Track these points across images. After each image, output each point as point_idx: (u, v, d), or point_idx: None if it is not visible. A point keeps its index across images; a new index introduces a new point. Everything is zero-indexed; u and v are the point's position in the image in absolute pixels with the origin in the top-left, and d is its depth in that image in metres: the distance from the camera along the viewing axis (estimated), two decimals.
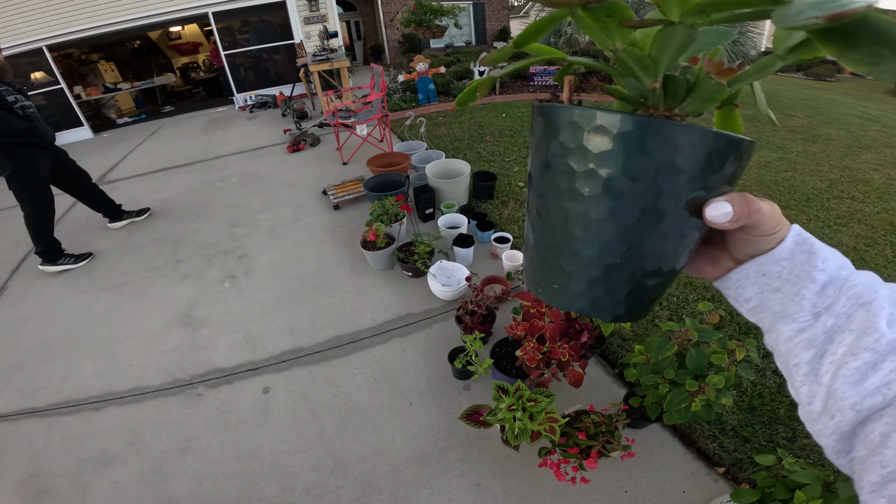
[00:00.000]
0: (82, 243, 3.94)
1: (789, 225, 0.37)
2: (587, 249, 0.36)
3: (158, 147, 7.05)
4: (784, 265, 0.36)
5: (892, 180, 4.31)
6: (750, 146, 0.35)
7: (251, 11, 9.10)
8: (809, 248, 0.35)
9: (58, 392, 2.35)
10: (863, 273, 0.35)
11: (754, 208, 0.34)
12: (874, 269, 2.92)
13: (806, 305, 0.35)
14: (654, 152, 0.31)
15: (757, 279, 0.37)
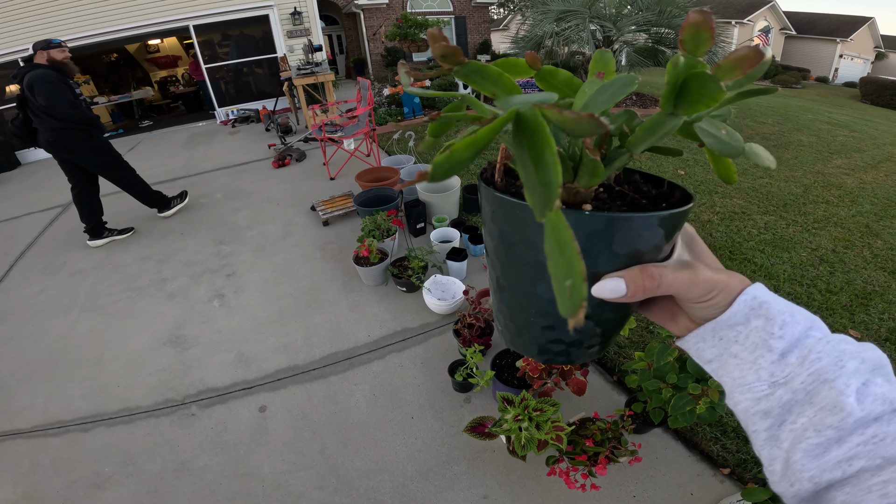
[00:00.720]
0: (62, 261, 3.84)
1: (740, 287, 0.34)
2: (517, 308, 0.38)
3: (137, 163, 6.75)
4: (739, 330, 0.34)
5: (865, 184, 4.50)
6: (641, 221, 0.32)
7: (233, 25, 9.07)
8: (766, 312, 0.33)
9: (43, 413, 2.27)
10: (831, 340, 0.32)
11: (650, 285, 0.32)
12: (853, 270, 3.04)
13: (763, 375, 0.33)
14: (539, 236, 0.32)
15: (714, 342, 0.36)
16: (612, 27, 7.51)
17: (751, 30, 22.15)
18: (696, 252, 0.37)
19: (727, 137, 0.31)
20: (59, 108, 3.49)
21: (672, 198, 0.37)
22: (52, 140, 3.64)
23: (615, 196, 0.37)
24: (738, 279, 0.35)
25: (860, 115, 10.71)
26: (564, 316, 0.24)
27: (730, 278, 0.35)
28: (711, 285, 0.34)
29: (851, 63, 24.20)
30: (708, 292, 0.34)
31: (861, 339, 2.38)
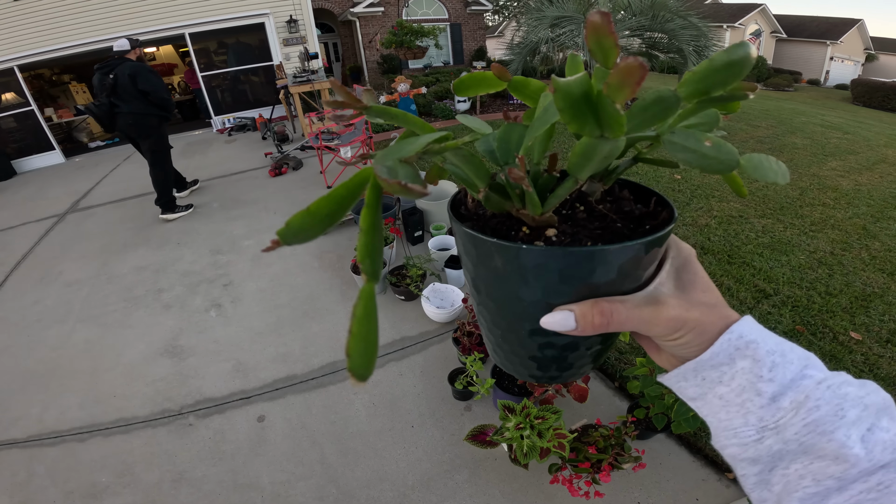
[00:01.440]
0: (58, 271, 3.82)
1: (720, 326, 0.31)
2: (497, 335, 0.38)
3: (133, 172, 6.90)
4: (724, 371, 0.31)
5: (860, 186, 4.53)
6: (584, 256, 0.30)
7: (229, 32, 9.09)
8: (753, 353, 0.30)
9: (38, 423, 2.25)
10: (832, 384, 0.29)
11: (599, 322, 0.30)
12: (852, 272, 3.05)
13: (752, 419, 0.30)
14: (499, 266, 0.32)
15: (697, 382, 0.33)
16: None
17: (742, 33, 22.37)
18: (685, 281, 0.33)
19: (713, 150, 0.27)
20: (160, 93, 4.25)
21: (658, 217, 0.35)
22: (131, 123, 4.27)
23: (595, 216, 0.35)
24: (719, 316, 0.31)
25: (853, 117, 10.80)
26: (355, 377, 0.22)
27: (706, 316, 0.31)
28: (677, 324, 0.31)
29: (842, 65, 24.43)
30: (674, 331, 0.31)
31: (862, 340, 2.39)
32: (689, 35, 7.56)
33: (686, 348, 0.32)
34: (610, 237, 0.33)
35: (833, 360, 2.31)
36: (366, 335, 0.23)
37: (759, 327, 0.32)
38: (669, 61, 8.45)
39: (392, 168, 0.22)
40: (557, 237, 0.32)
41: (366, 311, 0.23)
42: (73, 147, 9.26)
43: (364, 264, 0.24)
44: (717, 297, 0.33)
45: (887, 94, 15.37)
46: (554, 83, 0.25)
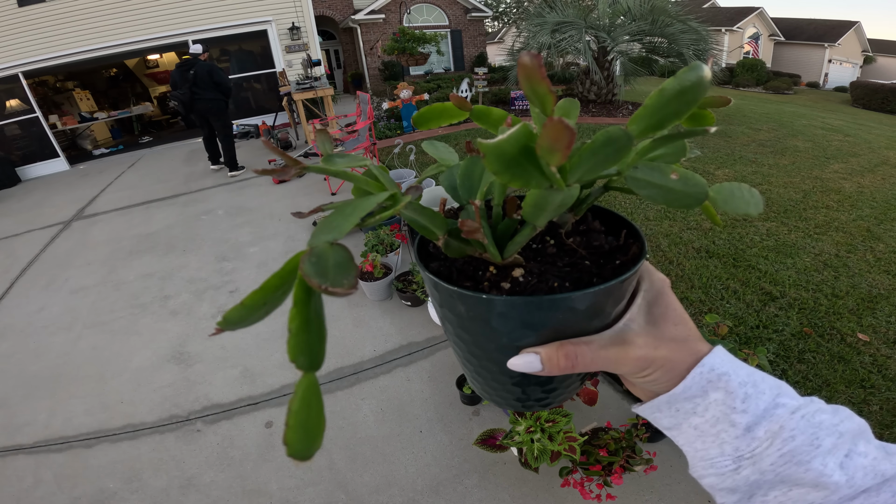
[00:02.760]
0: (64, 278, 3.84)
1: (689, 362, 0.31)
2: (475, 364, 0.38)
3: (138, 179, 6.95)
4: (697, 402, 0.31)
5: (863, 188, 4.53)
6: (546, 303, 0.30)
7: (231, 40, 9.16)
8: (725, 385, 0.30)
9: (45, 429, 2.25)
10: (806, 412, 0.29)
11: (564, 364, 0.31)
12: (857, 274, 3.05)
13: (727, 449, 0.31)
14: (462, 311, 0.32)
15: (671, 413, 0.33)
16: (607, 37, 7.60)
17: (740, 37, 22.46)
18: (656, 315, 0.33)
19: (679, 184, 0.26)
20: (228, 84, 5.89)
21: (628, 252, 0.34)
22: (210, 107, 5.85)
23: (565, 251, 0.35)
24: (688, 352, 0.32)
25: (853, 119, 10.82)
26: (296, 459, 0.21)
27: (675, 352, 0.31)
28: (644, 363, 0.31)
29: (840, 68, 24.47)
30: (642, 369, 0.32)
31: (870, 341, 2.39)
32: (689, 39, 7.60)
33: (656, 384, 0.32)
34: (578, 275, 0.32)
35: (842, 362, 2.31)
36: (304, 424, 0.21)
37: (731, 358, 0.32)
38: (670, 65, 8.49)
39: (321, 259, 0.21)
40: (524, 277, 0.32)
41: (303, 402, 0.21)
42: (77, 154, 9.33)
43: (298, 361, 0.21)
44: (688, 329, 0.33)
45: (886, 95, 15.36)
46: (480, 146, 0.23)
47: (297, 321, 0.21)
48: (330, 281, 0.19)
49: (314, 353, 0.22)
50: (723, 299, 2.79)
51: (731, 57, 21.44)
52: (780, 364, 2.27)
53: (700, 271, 3.12)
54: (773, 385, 0.31)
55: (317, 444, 0.22)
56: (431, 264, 0.35)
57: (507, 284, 0.32)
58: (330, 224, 0.23)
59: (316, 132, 0.33)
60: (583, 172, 0.25)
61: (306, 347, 0.22)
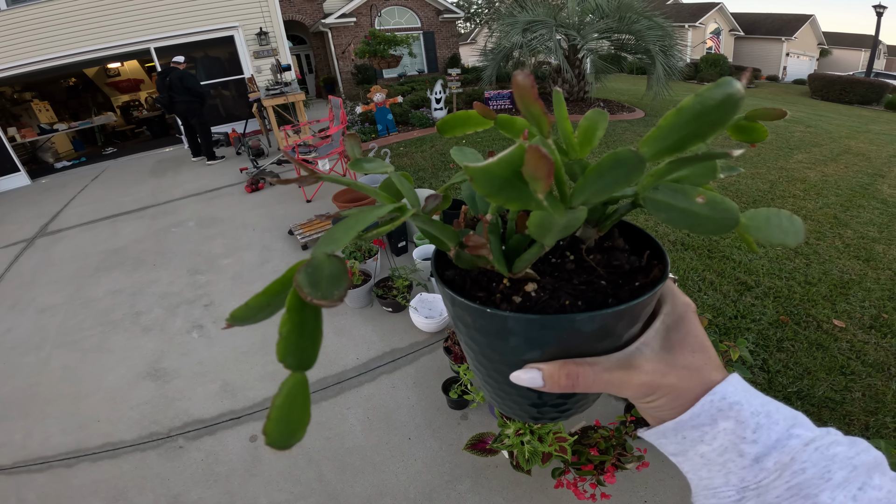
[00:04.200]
0: (30, 298, 3.67)
1: (698, 391, 0.31)
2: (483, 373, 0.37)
3: (103, 192, 6.71)
4: (705, 430, 0.30)
5: (827, 177, 4.69)
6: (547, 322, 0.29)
7: (197, 46, 8.93)
8: (736, 415, 0.30)
9: (22, 449, 2.18)
10: (820, 445, 0.28)
11: (565, 383, 0.31)
12: (828, 261, 3.15)
13: (733, 479, 0.30)
14: (470, 321, 0.32)
15: (678, 440, 0.32)
16: (577, 35, 7.71)
17: (703, 32, 23.12)
18: (673, 341, 0.32)
19: (706, 209, 0.24)
20: (199, 88, 6.77)
21: (649, 274, 0.33)
22: (184, 108, 6.77)
23: (584, 268, 0.34)
24: (699, 381, 0.31)
25: (813, 110, 11.24)
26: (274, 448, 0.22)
27: (685, 381, 0.31)
28: (649, 389, 0.31)
29: (798, 61, 25.41)
30: (645, 395, 0.31)
31: (846, 327, 2.46)
32: (655, 35, 7.76)
33: (660, 411, 0.32)
34: (592, 295, 0.32)
35: (820, 349, 2.37)
36: (285, 418, 0.22)
37: (746, 387, 0.31)
38: (638, 62, 8.66)
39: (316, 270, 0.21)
40: (536, 293, 0.32)
41: (287, 398, 0.22)
42: (38, 168, 8.95)
43: (286, 361, 0.22)
44: (707, 358, 0.32)
45: (844, 87, 15.98)
46: (466, 170, 0.23)
47: (289, 326, 0.22)
48: (320, 292, 0.20)
49: (304, 355, 0.23)
50: (700, 291, 2.85)
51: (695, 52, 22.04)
52: (760, 354, 2.32)
53: (677, 263, 3.17)
54: (788, 416, 0.30)
55: (297, 437, 0.22)
56: (448, 272, 0.35)
57: (519, 298, 0.32)
58: (332, 236, 0.23)
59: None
60: (589, 195, 0.24)
61: (296, 349, 0.22)
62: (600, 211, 0.33)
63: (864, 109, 14.00)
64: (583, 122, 0.32)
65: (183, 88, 6.59)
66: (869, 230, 3.56)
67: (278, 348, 0.22)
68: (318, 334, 0.24)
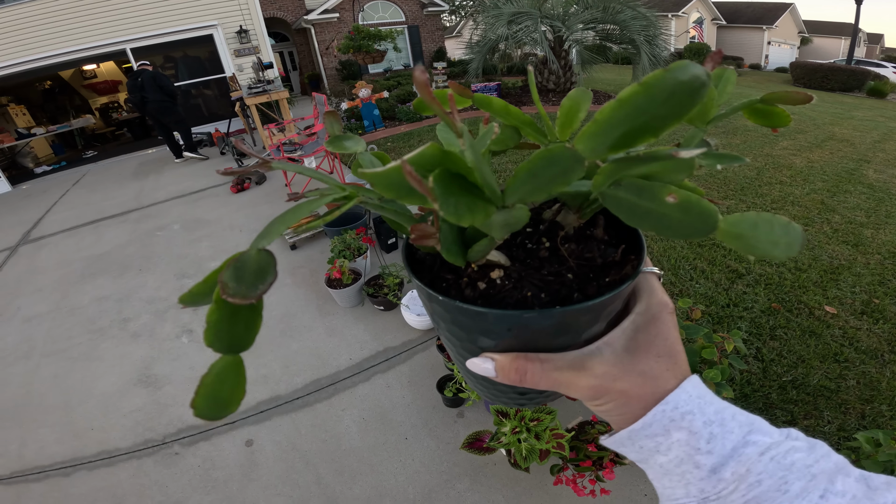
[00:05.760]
0: (15, 307, 3.59)
1: (649, 399, 0.30)
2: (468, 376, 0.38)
3: (85, 197, 6.57)
4: (659, 441, 0.30)
5: (813, 163, 4.74)
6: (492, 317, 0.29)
7: (175, 46, 8.76)
8: (689, 425, 0.29)
9: (18, 460, 2.17)
10: (776, 453, 0.28)
11: (514, 377, 0.31)
12: (818, 246, 3.18)
13: (692, 490, 0.30)
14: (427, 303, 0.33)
15: (636, 449, 0.32)
16: (562, 26, 7.69)
17: (686, 21, 23.21)
18: (639, 342, 0.31)
19: (677, 211, 0.22)
20: (172, 87, 6.72)
21: (623, 269, 0.32)
22: (158, 108, 6.65)
23: (557, 258, 0.33)
24: (652, 389, 0.30)
25: None
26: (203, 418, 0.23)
27: (637, 387, 0.30)
28: (596, 393, 0.30)
29: (780, 49, 25.66)
30: (593, 398, 0.31)
31: (838, 314, 2.48)
32: (639, 25, 7.77)
33: (609, 416, 0.32)
34: (557, 288, 0.31)
35: (813, 336, 2.38)
36: (214, 394, 0.23)
37: (701, 393, 0.30)
38: (623, 52, 8.67)
39: (243, 265, 0.22)
40: (502, 280, 0.31)
41: (217, 377, 0.23)
42: (18, 174, 8.75)
43: (214, 346, 0.23)
44: (671, 363, 0.31)
45: (826, 74, 16.17)
46: (366, 177, 0.22)
47: (216, 315, 0.23)
48: (243, 288, 0.21)
49: (236, 340, 0.23)
50: (692, 279, 2.86)
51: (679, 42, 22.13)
52: (753, 342, 2.33)
53: (668, 253, 3.19)
54: (744, 422, 0.29)
55: (229, 410, 0.23)
56: (420, 251, 0.35)
57: (483, 285, 0.31)
58: (267, 230, 0.24)
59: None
60: (522, 195, 0.23)
61: (225, 335, 0.23)
62: (582, 196, 0.32)
63: (847, 96, 14.17)
64: (565, 102, 0.31)
65: (156, 87, 6.57)
66: (857, 215, 3.60)
67: (206, 335, 0.23)
68: (253, 319, 0.24)
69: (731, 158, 0.30)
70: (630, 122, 0.20)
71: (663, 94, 0.19)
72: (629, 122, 0.20)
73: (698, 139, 0.31)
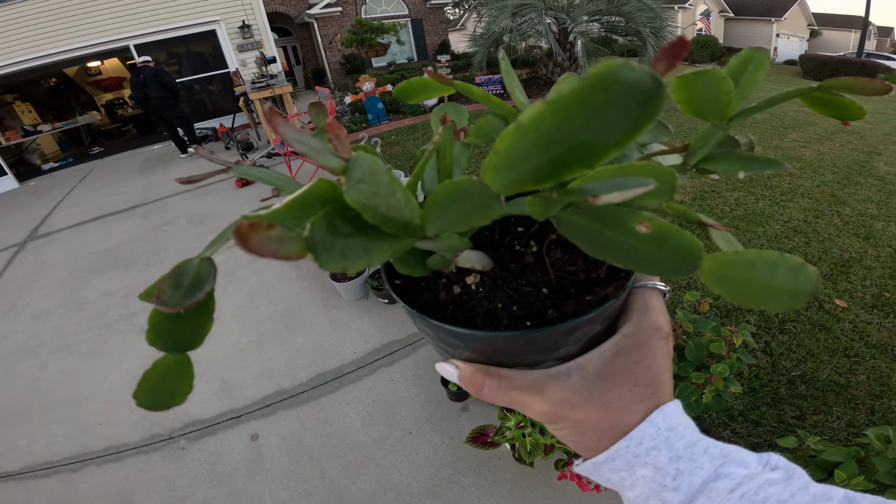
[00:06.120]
0: (24, 302, 3.64)
1: (602, 432, 0.29)
2: None
3: (92, 193, 6.62)
4: (624, 476, 0.29)
5: (823, 155, 4.67)
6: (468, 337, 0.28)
7: (178, 42, 8.77)
8: (653, 461, 0.28)
9: (29, 455, 2.19)
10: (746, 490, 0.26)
11: (472, 390, 0.30)
12: (828, 239, 3.12)
13: None
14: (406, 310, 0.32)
15: (602, 479, 0.31)
16: (567, 18, 7.61)
17: (693, 13, 22.90)
18: (616, 368, 0.29)
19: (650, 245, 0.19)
20: (174, 84, 6.80)
21: (609, 286, 0.29)
22: (160, 104, 6.74)
23: (541, 267, 0.31)
24: (611, 423, 0.28)
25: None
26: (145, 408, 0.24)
27: (594, 419, 0.28)
28: (551, 419, 0.29)
29: (788, 42, 25.27)
30: (548, 422, 0.30)
31: (848, 307, 2.44)
32: (645, 17, 7.68)
33: (566, 441, 0.31)
34: (532, 301, 0.29)
35: (823, 331, 2.34)
36: (156, 388, 0.23)
37: (671, 426, 0.28)
38: (629, 44, 8.58)
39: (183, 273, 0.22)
40: (476, 286, 0.30)
41: (158, 372, 0.24)
42: (26, 171, 8.82)
43: (157, 345, 0.24)
44: (647, 394, 0.29)
45: (836, 67, 15.95)
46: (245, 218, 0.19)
47: (158, 317, 0.23)
48: (179, 295, 0.21)
49: (179, 340, 0.24)
50: None
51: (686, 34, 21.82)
52: (762, 336, 2.29)
53: None
54: (717, 455, 0.28)
55: (173, 402, 0.24)
56: None
57: (458, 289, 0.31)
58: (217, 238, 0.24)
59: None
60: (442, 227, 0.21)
61: (167, 336, 0.23)
62: None
63: None
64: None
65: (158, 84, 6.63)
66: (867, 207, 3.54)
67: (147, 335, 0.23)
68: (201, 321, 0.24)
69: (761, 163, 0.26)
70: (542, 154, 0.16)
71: (582, 114, 0.15)
72: (540, 154, 0.16)
73: (716, 139, 0.27)
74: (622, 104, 0.14)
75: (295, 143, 0.18)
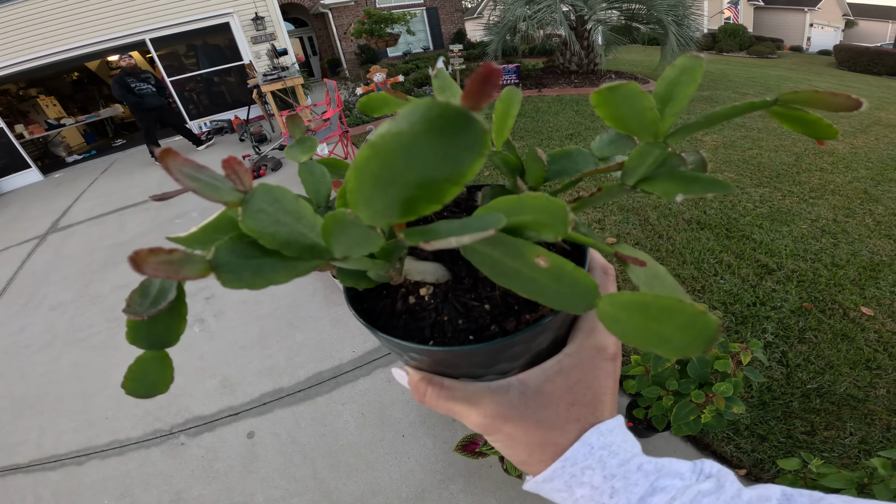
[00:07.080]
0: (42, 295, 3.73)
1: (536, 447, 0.29)
2: None
3: (111, 185, 6.76)
4: (564, 496, 0.29)
5: (856, 149, 4.42)
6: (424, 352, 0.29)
7: (193, 35, 8.84)
8: (589, 481, 0.28)
9: (38, 448, 2.25)
10: (684, 498, 0.27)
11: (417, 397, 0.31)
12: (858, 240, 2.93)
13: None
14: None
15: (548, 497, 0.31)
16: (584, 6, 7.38)
17: (720, 2, 22.11)
18: (556, 386, 0.30)
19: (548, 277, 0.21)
20: (118, 95, 6.46)
21: (544, 307, 0.30)
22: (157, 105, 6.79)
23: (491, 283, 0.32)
24: (541, 440, 0.29)
25: (840, 81, 10.70)
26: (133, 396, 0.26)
27: (523, 435, 0.29)
28: (485, 430, 0.30)
29: (823, 31, 24.24)
30: (484, 433, 0.31)
31: (874, 316, 2.27)
32: (667, 4, 7.39)
33: (502, 452, 0.31)
34: (477, 315, 0.29)
35: (845, 341, 2.18)
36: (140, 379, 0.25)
37: (606, 444, 0.29)
38: (650, 32, 8.29)
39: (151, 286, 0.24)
40: (428, 297, 0.31)
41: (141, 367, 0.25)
42: (51, 163, 9.07)
43: (136, 344, 0.25)
44: (585, 413, 0.30)
45: (872, 58, 15.22)
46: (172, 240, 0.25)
47: (134, 321, 0.25)
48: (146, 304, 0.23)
49: (156, 339, 0.25)
50: (716, 275, 2.68)
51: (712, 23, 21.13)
52: (779, 345, 2.15)
53: (692, 244, 3.00)
54: (651, 470, 0.29)
55: (156, 392, 0.26)
56: None
57: (413, 299, 0.31)
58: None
59: (286, 119, 0.34)
60: (342, 252, 0.21)
61: (144, 336, 0.25)
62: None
63: (894, 80, 13.29)
64: (497, 105, 0.28)
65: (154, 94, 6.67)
66: None
67: (127, 335, 0.25)
68: (175, 322, 0.25)
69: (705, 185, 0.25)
70: (383, 192, 0.17)
71: (402, 156, 0.15)
72: (382, 192, 0.17)
73: (653, 158, 0.25)
74: (437, 143, 0.15)
75: (187, 181, 0.19)
